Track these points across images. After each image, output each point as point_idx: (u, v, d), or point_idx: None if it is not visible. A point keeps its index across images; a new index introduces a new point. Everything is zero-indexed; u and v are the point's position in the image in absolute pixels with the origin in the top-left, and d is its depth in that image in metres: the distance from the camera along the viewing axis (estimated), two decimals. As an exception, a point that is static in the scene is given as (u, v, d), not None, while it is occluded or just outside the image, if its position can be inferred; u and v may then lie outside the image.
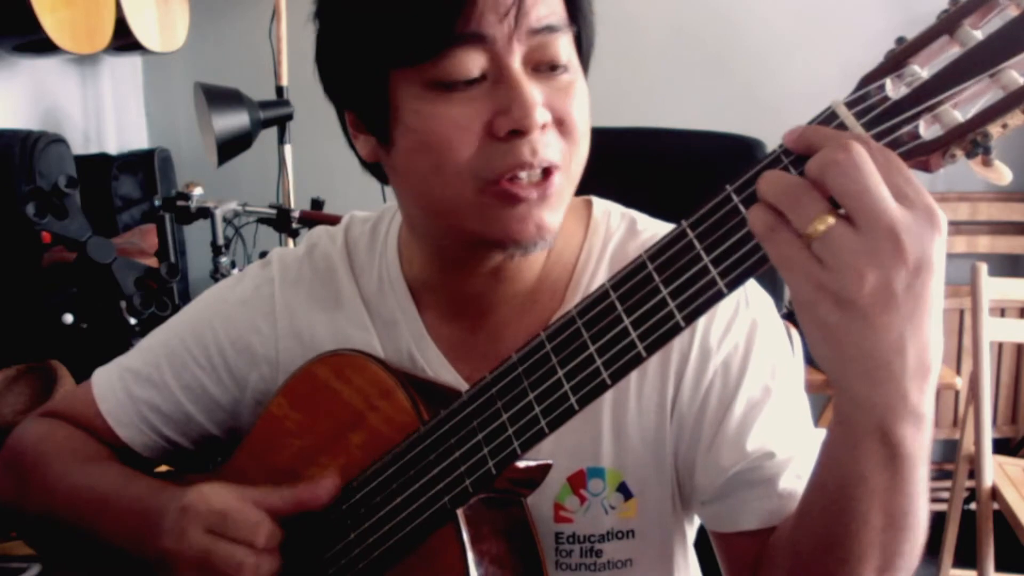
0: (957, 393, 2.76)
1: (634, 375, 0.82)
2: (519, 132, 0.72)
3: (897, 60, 0.55)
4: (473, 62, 0.72)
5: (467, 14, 0.70)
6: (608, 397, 0.83)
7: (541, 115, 0.72)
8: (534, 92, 0.72)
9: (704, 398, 0.83)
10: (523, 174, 0.73)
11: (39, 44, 1.99)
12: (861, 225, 0.53)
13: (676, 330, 0.61)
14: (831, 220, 0.53)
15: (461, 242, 0.80)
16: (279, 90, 2.49)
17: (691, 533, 0.93)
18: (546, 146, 0.74)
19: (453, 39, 0.71)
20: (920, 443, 0.60)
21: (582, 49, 0.79)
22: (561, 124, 0.75)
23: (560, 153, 0.75)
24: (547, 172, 0.74)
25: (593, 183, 0.90)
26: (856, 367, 0.57)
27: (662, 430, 0.85)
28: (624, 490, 0.86)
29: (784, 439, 0.81)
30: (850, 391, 0.59)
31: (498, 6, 0.71)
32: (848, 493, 0.64)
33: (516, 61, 0.73)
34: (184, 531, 0.76)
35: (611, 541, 0.87)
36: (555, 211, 0.76)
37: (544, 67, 0.74)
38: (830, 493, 0.66)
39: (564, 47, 0.75)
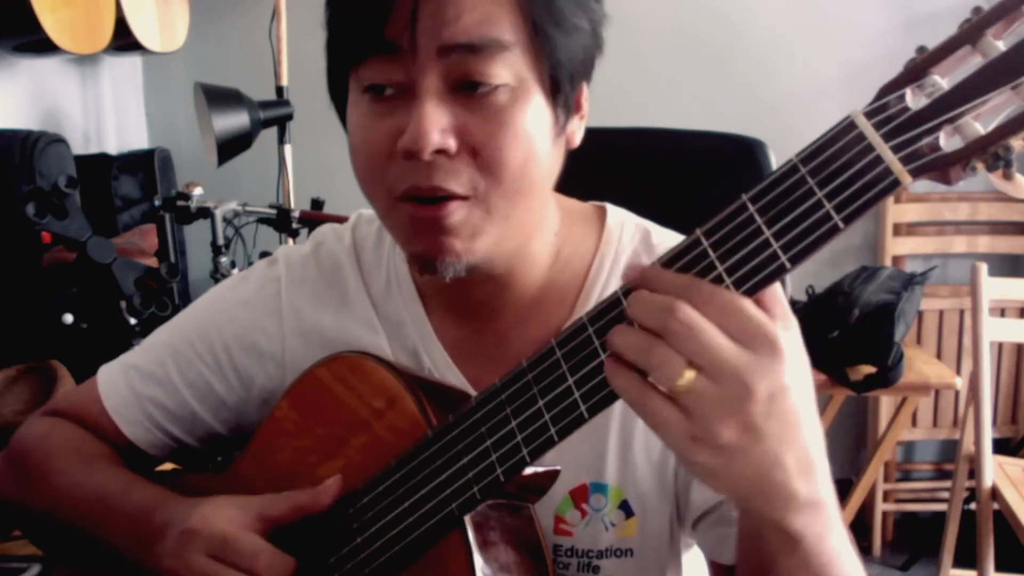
0: (957, 393, 2.76)
1: None
2: (411, 154, 0.69)
3: (917, 70, 0.54)
4: (388, 73, 0.70)
5: (390, 23, 0.68)
6: (616, 414, 0.83)
7: (439, 140, 0.68)
8: (434, 115, 0.68)
9: None
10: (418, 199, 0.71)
11: (39, 44, 1.97)
12: (713, 377, 0.55)
13: None
14: (691, 374, 0.55)
15: None
16: (279, 90, 2.49)
17: (689, 556, 0.92)
18: (445, 174, 0.69)
19: (374, 46, 0.69)
20: (822, 522, 0.62)
21: (556, 67, 0.72)
22: (476, 154, 0.70)
23: (466, 184, 0.70)
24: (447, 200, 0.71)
25: (594, 183, 0.89)
26: (741, 489, 0.59)
27: (667, 449, 0.84)
28: (626, 508, 0.86)
29: None
30: (742, 504, 0.62)
31: (412, 18, 0.67)
32: (765, 570, 0.66)
33: (428, 77, 0.69)
34: (186, 554, 0.77)
35: (610, 558, 0.86)
36: (466, 239, 0.72)
37: (463, 86, 0.69)
38: (752, 570, 0.69)
39: (498, 66, 0.69)
